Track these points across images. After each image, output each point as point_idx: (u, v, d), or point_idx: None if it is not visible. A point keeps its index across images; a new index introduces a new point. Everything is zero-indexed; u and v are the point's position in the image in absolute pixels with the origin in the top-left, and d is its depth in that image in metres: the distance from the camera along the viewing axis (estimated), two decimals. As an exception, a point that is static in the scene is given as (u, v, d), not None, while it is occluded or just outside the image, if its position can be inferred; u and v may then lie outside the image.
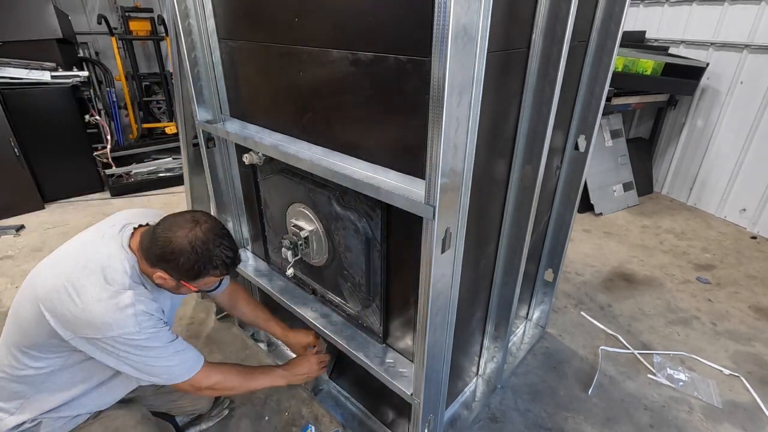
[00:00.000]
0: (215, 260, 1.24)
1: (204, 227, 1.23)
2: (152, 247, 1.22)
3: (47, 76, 3.80)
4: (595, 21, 1.63)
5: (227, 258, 1.27)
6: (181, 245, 1.19)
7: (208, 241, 1.22)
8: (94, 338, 1.17)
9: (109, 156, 4.23)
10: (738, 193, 3.64)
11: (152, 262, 1.23)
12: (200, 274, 1.25)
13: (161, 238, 1.20)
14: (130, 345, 1.19)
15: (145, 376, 1.26)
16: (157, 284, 1.28)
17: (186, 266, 1.21)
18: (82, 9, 5.32)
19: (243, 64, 1.58)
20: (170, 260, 1.20)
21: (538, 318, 2.39)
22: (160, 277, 1.24)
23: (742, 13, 3.39)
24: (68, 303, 1.15)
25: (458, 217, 1.14)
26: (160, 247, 1.20)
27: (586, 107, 1.79)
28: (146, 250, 1.24)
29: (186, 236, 1.20)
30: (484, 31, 0.93)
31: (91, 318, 1.15)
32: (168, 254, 1.20)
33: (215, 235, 1.25)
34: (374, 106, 1.17)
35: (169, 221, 1.24)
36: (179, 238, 1.20)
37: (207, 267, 1.24)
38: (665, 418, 1.92)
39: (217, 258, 1.24)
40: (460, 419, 1.86)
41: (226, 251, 1.26)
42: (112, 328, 1.16)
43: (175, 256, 1.20)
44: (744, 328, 2.47)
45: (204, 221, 1.25)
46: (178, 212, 1.28)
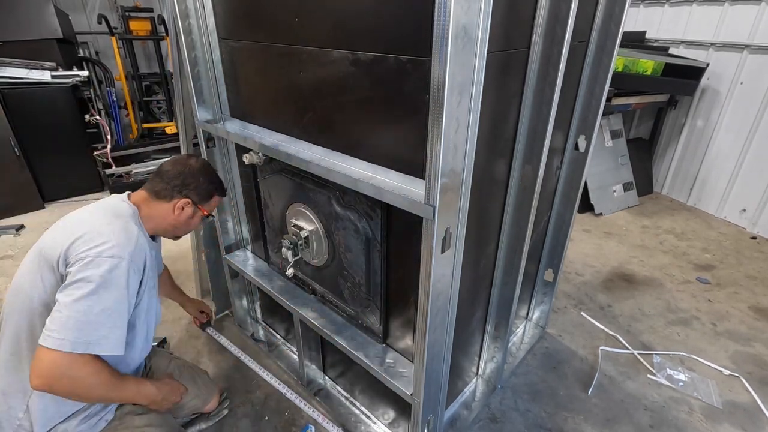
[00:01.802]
0: (218, 180, 1.52)
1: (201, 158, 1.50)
2: (171, 181, 1.38)
3: (47, 76, 3.80)
4: (595, 21, 1.63)
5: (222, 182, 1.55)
6: (198, 168, 1.43)
7: (210, 165, 1.51)
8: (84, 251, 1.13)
9: (109, 156, 4.23)
10: (738, 194, 3.64)
11: (172, 195, 1.38)
12: (212, 194, 1.49)
13: (176, 170, 1.39)
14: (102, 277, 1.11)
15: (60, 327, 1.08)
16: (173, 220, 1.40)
17: (203, 186, 1.44)
18: (82, 9, 5.32)
19: (243, 63, 1.58)
20: (191, 182, 1.40)
21: (538, 318, 2.39)
22: (181, 207, 1.39)
23: (742, 14, 3.39)
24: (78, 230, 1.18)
25: (458, 217, 1.14)
26: (181, 176, 1.39)
27: (586, 107, 1.79)
28: (161, 190, 1.38)
29: (197, 162, 1.45)
30: (484, 32, 0.94)
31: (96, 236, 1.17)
32: (189, 177, 1.40)
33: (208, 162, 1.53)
34: (374, 106, 1.17)
35: (172, 160, 1.44)
36: (193, 164, 1.43)
37: (216, 186, 1.50)
38: (665, 418, 1.92)
39: (218, 179, 1.53)
40: (459, 419, 1.86)
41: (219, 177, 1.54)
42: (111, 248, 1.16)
43: (196, 177, 1.41)
44: (744, 328, 2.47)
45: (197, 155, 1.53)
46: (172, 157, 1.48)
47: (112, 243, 1.17)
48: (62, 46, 4.20)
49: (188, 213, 1.43)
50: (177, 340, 2.31)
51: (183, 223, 1.45)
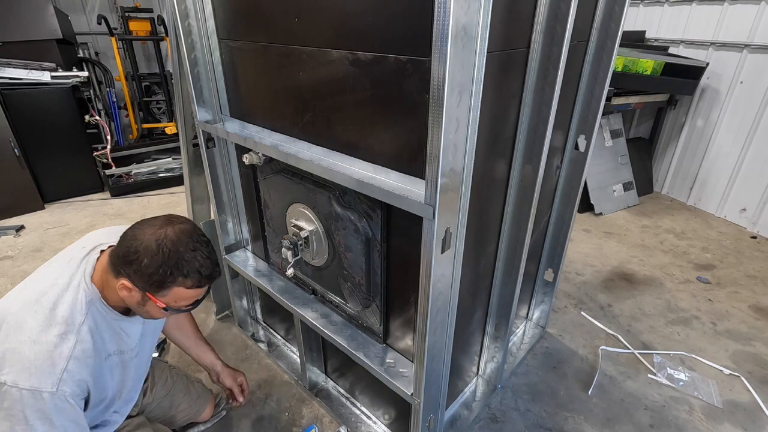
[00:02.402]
0: (185, 266, 1.06)
1: (178, 228, 1.08)
2: (118, 249, 1.08)
3: (47, 77, 3.80)
4: (595, 21, 1.63)
5: (201, 266, 1.08)
6: (146, 243, 1.04)
7: (178, 242, 1.06)
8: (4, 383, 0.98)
9: (109, 156, 4.23)
10: (738, 193, 3.64)
11: (116, 268, 1.08)
12: (165, 282, 1.06)
13: (128, 236, 1.07)
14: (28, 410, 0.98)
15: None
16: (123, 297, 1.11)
17: (149, 269, 1.04)
18: (82, 9, 5.32)
19: (243, 64, 1.58)
20: (133, 261, 1.04)
21: (538, 318, 2.39)
22: (124, 287, 1.07)
23: (742, 13, 3.39)
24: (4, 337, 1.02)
25: (458, 217, 1.14)
26: (125, 247, 1.05)
27: (586, 107, 1.79)
28: (112, 258, 1.10)
29: (154, 234, 1.05)
30: (484, 31, 0.94)
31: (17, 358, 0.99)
32: (131, 253, 1.04)
33: (189, 238, 1.08)
34: (374, 106, 1.17)
35: (142, 222, 1.10)
36: (146, 236, 1.05)
37: (174, 274, 1.05)
38: (665, 417, 1.92)
39: (188, 264, 1.06)
40: (460, 419, 1.86)
41: (200, 258, 1.08)
42: (30, 377, 0.98)
43: (139, 255, 1.03)
44: (744, 327, 2.47)
45: (180, 222, 1.10)
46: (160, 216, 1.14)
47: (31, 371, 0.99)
48: (62, 46, 4.20)
49: (136, 298, 1.09)
50: (177, 340, 2.31)
51: (136, 307, 1.13)
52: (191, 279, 1.08)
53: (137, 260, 1.04)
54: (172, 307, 1.13)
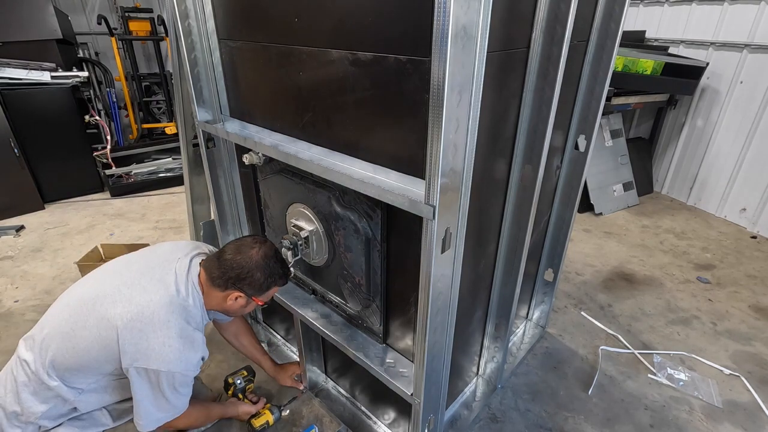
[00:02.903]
0: (279, 272, 1.44)
1: (268, 246, 1.43)
2: (226, 272, 1.38)
3: (47, 77, 3.80)
4: (595, 21, 1.63)
5: (287, 270, 1.48)
6: (256, 263, 1.38)
7: (273, 258, 1.42)
8: (157, 370, 1.29)
9: (109, 156, 4.24)
10: (738, 193, 3.64)
11: (226, 285, 1.39)
12: (270, 286, 1.44)
13: (234, 261, 1.38)
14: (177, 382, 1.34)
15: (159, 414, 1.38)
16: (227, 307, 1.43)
17: (260, 281, 1.39)
18: (82, 9, 5.32)
19: (243, 64, 1.58)
20: (246, 278, 1.38)
21: (538, 318, 2.39)
22: (234, 298, 1.40)
23: (742, 13, 3.39)
24: (152, 334, 1.28)
25: (458, 217, 1.14)
26: (236, 269, 1.37)
27: (586, 107, 1.79)
28: (217, 278, 1.39)
29: (257, 255, 1.39)
30: (483, 31, 0.93)
31: (169, 351, 1.29)
32: (245, 273, 1.37)
33: (276, 253, 1.45)
34: (374, 106, 1.17)
35: (235, 245, 1.42)
36: (252, 258, 1.38)
37: (275, 279, 1.43)
38: (665, 417, 1.92)
39: (281, 270, 1.44)
40: (460, 419, 1.86)
41: (284, 265, 1.47)
42: (180, 363, 1.31)
43: (251, 273, 1.38)
44: (744, 327, 2.47)
45: (263, 241, 1.45)
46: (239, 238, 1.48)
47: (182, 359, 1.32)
48: (62, 46, 4.21)
49: (241, 303, 1.44)
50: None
51: (236, 311, 1.49)
52: (281, 281, 1.47)
53: (250, 277, 1.38)
54: (266, 302, 1.51)
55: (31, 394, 1.36)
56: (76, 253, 3.12)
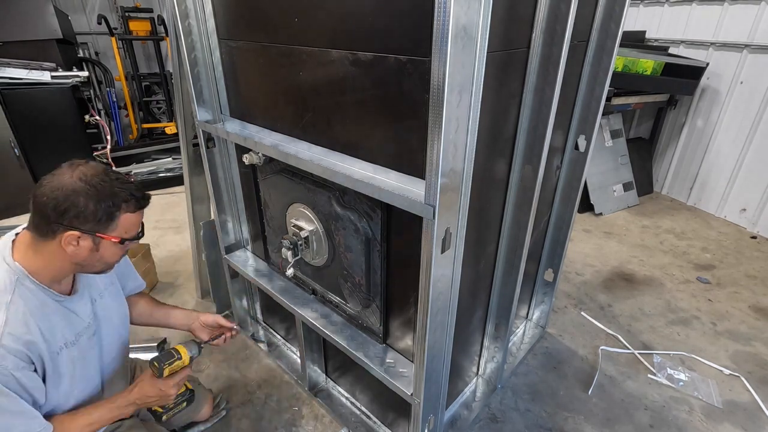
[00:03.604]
0: (120, 193, 1.06)
1: (88, 166, 1.06)
2: (42, 210, 1.01)
3: (47, 77, 3.80)
4: (595, 21, 1.63)
5: (133, 189, 1.09)
6: (71, 187, 1.01)
7: (99, 174, 1.05)
8: None
9: (109, 156, 4.23)
10: (738, 193, 3.64)
11: (50, 227, 1.03)
12: (112, 213, 1.06)
13: (46, 192, 1.01)
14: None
15: None
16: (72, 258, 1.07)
17: (90, 207, 1.02)
18: (82, 9, 5.32)
19: (243, 64, 1.58)
20: (69, 208, 1.01)
21: (538, 318, 2.39)
22: (71, 239, 1.03)
23: (742, 13, 3.39)
24: None
25: (458, 217, 1.14)
26: (52, 200, 1.00)
27: (586, 107, 1.79)
28: (39, 225, 1.04)
29: (72, 177, 1.02)
30: (484, 31, 0.93)
31: None
32: (62, 201, 1.00)
33: (105, 171, 1.07)
34: (374, 106, 1.17)
35: (45, 178, 1.05)
36: (66, 181, 1.02)
37: (116, 201, 1.05)
38: (665, 418, 1.92)
39: (122, 190, 1.06)
40: (460, 419, 1.86)
41: (127, 183, 1.09)
42: None
43: (72, 199, 1.01)
44: (744, 328, 2.47)
45: (84, 162, 1.08)
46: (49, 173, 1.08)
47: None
48: (62, 46, 4.20)
49: (87, 246, 1.06)
50: (178, 342, 2.31)
51: (89, 260, 1.09)
52: (132, 202, 1.09)
53: (73, 205, 1.01)
54: (126, 237, 1.12)
55: None
56: (76, 252, 3.12)
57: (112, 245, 1.10)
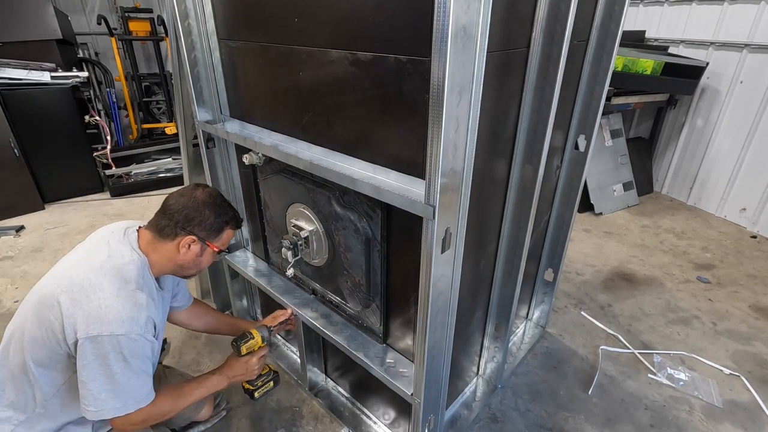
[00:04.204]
0: (229, 213, 1.37)
1: (210, 188, 1.37)
2: (173, 216, 1.27)
3: (47, 77, 3.80)
4: (595, 20, 1.63)
5: (236, 212, 1.41)
6: (203, 201, 1.30)
7: (220, 195, 1.37)
8: (99, 335, 1.13)
9: (109, 156, 4.23)
10: (738, 193, 3.64)
11: (176, 232, 1.28)
12: (221, 228, 1.35)
13: (179, 204, 1.28)
14: (126, 349, 1.17)
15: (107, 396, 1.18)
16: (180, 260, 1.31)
17: (211, 219, 1.30)
18: (82, 9, 5.32)
19: (243, 64, 1.58)
20: (195, 217, 1.28)
21: (538, 318, 2.39)
22: (186, 245, 1.29)
23: (742, 13, 3.39)
24: (85, 299, 1.15)
25: (458, 217, 1.14)
26: (184, 211, 1.27)
27: (585, 107, 1.79)
28: (165, 227, 1.28)
29: (203, 193, 1.32)
30: (483, 31, 0.93)
31: (107, 312, 1.15)
32: (193, 211, 1.28)
33: (219, 193, 1.39)
34: (374, 106, 1.17)
35: (178, 193, 1.32)
36: (198, 196, 1.30)
37: (227, 219, 1.35)
38: (665, 417, 1.92)
39: (231, 211, 1.38)
40: (460, 419, 1.86)
41: (232, 207, 1.40)
42: (123, 324, 1.16)
43: (200, 211, 1.29)
44: (744, 327, 2.47)
45: (206, 185, 1.38)
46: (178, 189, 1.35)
47: (123, 319, 1.16)
48: (62, 46, 4.20)
49: (195, 251, 1.31)
50: (178, 341, 2.31)
51: (191, 263, 1.34)
52: (233, 222, 1.39)
53: (199, 215, 1.29)
54: (222, 249, 1.40)
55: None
56: (76, 253, 3.12)
57: (212, 254, 1.38)
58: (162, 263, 1.32)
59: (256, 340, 1.60)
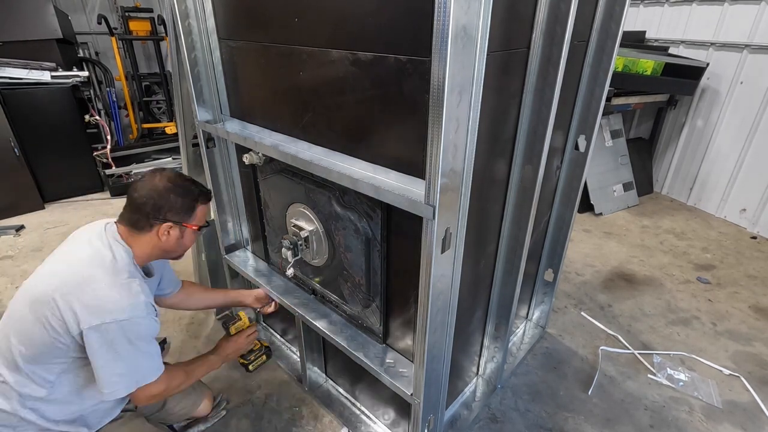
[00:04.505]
0: (195, 189, 1.41)
1: (169, 172, 1.39)
2: (141, 209, 1.31)
3: (47, 76, 3.80)
4: (595, 21, 1.63)
5: (202, 186, 1.45)
6: (164, 186, 1.33)
7: (179, 177, 1.39)
8: (103, 323, 1.18)
9: (109, 156, 4.23)
10: (738, 193, 3.64)
11: (150, 223, 1.32)
12: (193, 206, 1.39)
13: (143, 194, 1.31)
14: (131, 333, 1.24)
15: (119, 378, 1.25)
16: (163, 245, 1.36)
17: (178, 202, 1.34)
18: (82, 9, 5.32)
19: (243, 64, 1.58)
20: (163, 205, 1.32)
21: (538, 318, 2.39)
22: (165, 231, 1.34)
23: (742, 13, 3.39)
24: (80, 293, 1.19)
25: (458, 217, 1.14)
26: (149, 200, 1.31)
27: (586, 107, 1.79)
28: (137, 221, 1.33)
29: (162, 179, 1.34)
30: (484, 32, 0.94)
31: (105, 302, 1.20)
32: (159, 199, 1.32)
33: (179, 174, 1.42)
34: (374, 106, 1.17)
35: (137, 185, 1.35)
36: (158, 183, 1.33)
37: (194, 195, 1.39)
38: (665, 418, 1.92)
39: (195, 187, 1.42)
40: (460, 419, 1.86)
41: (195, 182, 1.44)
42: (124, 311, 1.21)
43: (165, 197, 1.32)
44: (744, 328, 2.47)
45: (161, 169, 1.41)
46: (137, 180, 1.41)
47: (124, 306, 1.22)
48: (62, 46, 4.20)
49: (176, 235, 1.37)
50: (178, 340, 2.31)
51: (174, 246, 1.40)
52: (203, 197, 1.42)
53: (167, 201, 1.32)
54: (201, 225, 1.45)
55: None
56: (76, 252, 3.12)
57: (192, 233, 1.43)
58: (147, 252, 1.37)
59: (243, 321, 1.78)
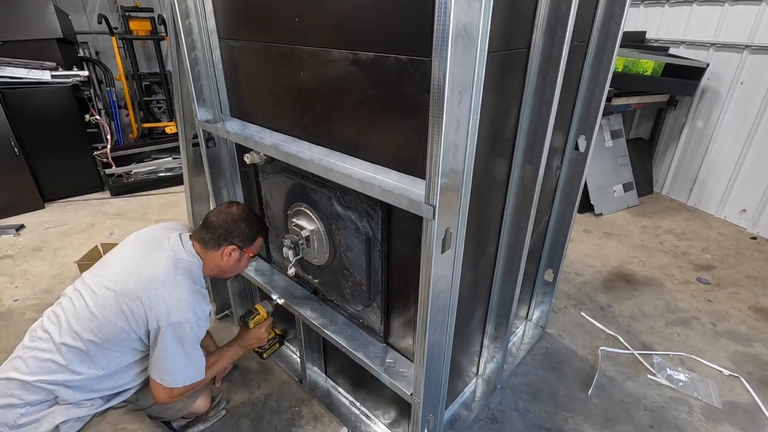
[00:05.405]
0: (259, 224, 1.65)
1: (243, 204, 1.65)
2: (216, 231, 1.55)
3: (47, 76, 3.80)
4: (596, 21, 1.63)
5: (264, 223, 1.70)
6: (239, 215, 1.58)
7: (250, 211, 1.64)
8: (179, 322, 1.41)
9: (109, 155, 4.23)
10: (738, 194, 3.64)
11: (219, 244, 1.55)
12: (255, 237, 1.62)
13: (219, 220, 1.56)
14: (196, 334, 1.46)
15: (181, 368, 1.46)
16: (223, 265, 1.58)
17: (246, 231, 1.58)
18: (83, 8, 5.33)
19: (243, 63, 1.58)
20: (233, 231, 1.55)
21: (538, 318, 2.39)
22: (228, 253, 1.56)
23: (743, 14, 3.39)
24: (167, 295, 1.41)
25: (458, 217, 1.14)
26: (224, 226, 1.55)
27: (586, 108, 1.79)
28: (209, 241, 1.55)
29: (238, 210, 1.60)
30: (484, 32, 0.94)
31: (185, 305, 1.43)
32: (232, 227, 1.55)
33: (250, 208, 1.66)
34: (375, 106, 1.17)
35: (216, 210, 1.62)
36: (234, 212, 1.58)
37: (258, 229, 1.63)
38: (665, 418, 1.92)
39: (260, 222, 1.66)
40: (459, 419, 1.86)
41: (261, 219, 1.69)
42: (196, 313, 1.45)
43: (238, 224, 1.56)
44: (744, 328, 2.47)
45: (238, 202, 1.70)
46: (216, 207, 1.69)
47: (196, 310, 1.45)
48: (62, 45, 4.20)
49: (235, 257, 1.58)
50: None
51: (232, 267, 1.61)
52: (264, 231, 1.68)
53: (237, 228, 1.56)
54: (256, 253, 1.69)
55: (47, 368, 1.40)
56: (76, 252, 3.12)
57: (248, 258, 1.65)
58: (209, 267, 1.58)
59: (261, 315, 1.88)
